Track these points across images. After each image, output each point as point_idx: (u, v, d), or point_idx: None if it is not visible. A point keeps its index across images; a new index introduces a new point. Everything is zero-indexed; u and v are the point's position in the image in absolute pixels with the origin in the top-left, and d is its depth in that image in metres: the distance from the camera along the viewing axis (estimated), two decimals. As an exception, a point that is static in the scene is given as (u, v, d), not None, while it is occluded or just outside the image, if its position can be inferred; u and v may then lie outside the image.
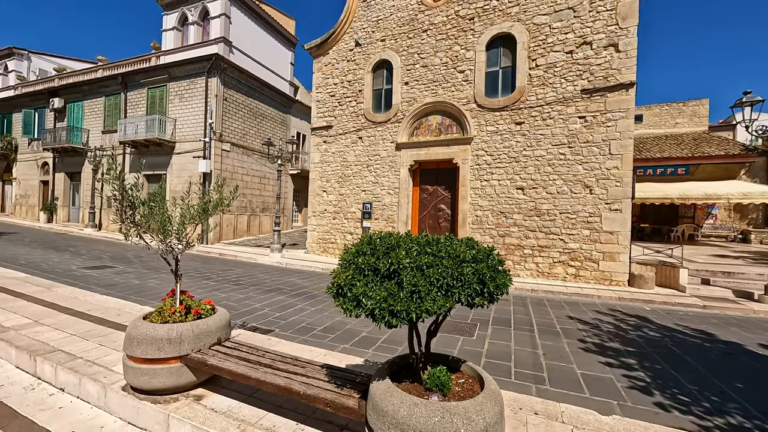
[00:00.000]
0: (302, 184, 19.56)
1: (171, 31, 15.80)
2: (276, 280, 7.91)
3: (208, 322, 2.74)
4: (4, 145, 20.78)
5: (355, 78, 11.43)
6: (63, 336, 3.69)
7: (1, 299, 4.90)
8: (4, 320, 4.03)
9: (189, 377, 2.59)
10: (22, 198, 20.70)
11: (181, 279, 2.90)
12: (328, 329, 4.68)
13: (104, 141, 16.90)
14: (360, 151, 11.22)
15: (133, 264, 8.89)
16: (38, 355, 3.14)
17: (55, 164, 18.88)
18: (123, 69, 16.61)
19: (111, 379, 2.77)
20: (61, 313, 4.45)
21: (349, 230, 11.28)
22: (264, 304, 5.83)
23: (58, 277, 6.72)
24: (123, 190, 2.57)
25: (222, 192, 3.11)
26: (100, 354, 3.27)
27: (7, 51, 22.19)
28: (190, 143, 14.52)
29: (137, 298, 5.70)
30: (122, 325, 4.08)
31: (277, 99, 17.72)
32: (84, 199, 17.70)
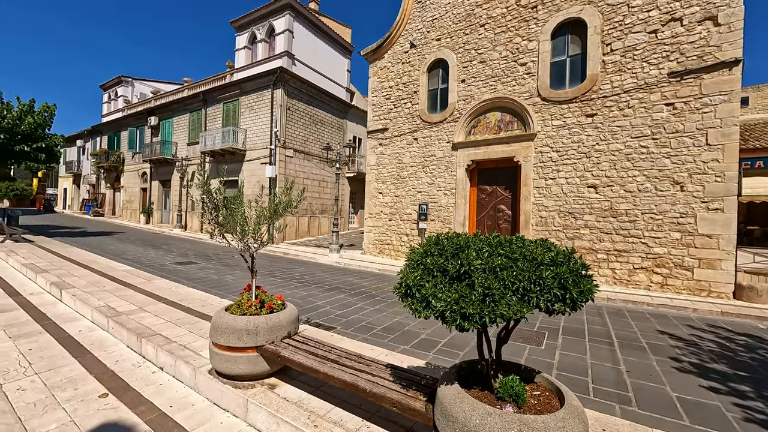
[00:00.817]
0: (358, 186, 20.13)
1: (243, 50, 17.41)
2: (335, 279, 8.22)
3: (280, 317, 2.93)
4: (115, 158, 24.71)
5: (410, 79, 11.45)
6: (161, 322, 4.24)
7: (114, 288, 5.80)
8: (117, 306, 4.77)
9: (264, 366, 2.79)
10: (128, 203, 24.39)
11: (256, 275, 3.14)
12: (387, 329, 4.72)
13: (189, 152, 19.18)
14: (415, 152, 11.19)
15: (212, 261, 9.92)
16: (143, 337, 3.64)
17: (152, 173, 21.92)
18: (203, 88, 18.72)
19: (199, 363, 3.11)
20: (158, 302, 5.12)
21: (405, 231, 11.30)
22: (326, 302, 6.09)
23: (155, 271, 7.76)
24: (209, 195, 2.86)
25: (290, 194, 3.31)
26: (190, 340, 3.69)
27: (117, 80, 26.39)
28: (258, 151, 15.82)
29: (217, 291, 6.34)
30: (206, 315, 4.56)
31: (334, 105, 18.49)
32: (173, 203, 20.28)
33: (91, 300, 4.92)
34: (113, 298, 5.17)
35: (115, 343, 3.94)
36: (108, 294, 5.40)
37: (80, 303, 4.92)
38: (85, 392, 2.90)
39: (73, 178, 32.77)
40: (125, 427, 2.46)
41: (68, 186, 34.45)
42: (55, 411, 2.61)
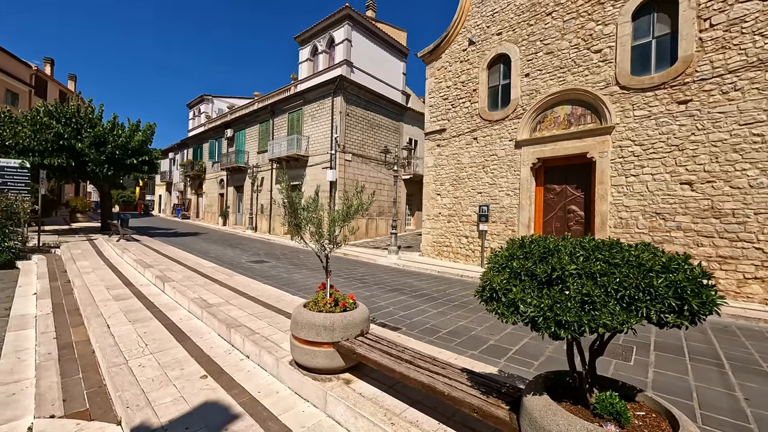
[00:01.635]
0: (414, 188, 20.13)
1: (305, 62, 18.54)
2: (395, 280, 8.31)
3: (354, 315, 3.06)
4: (198, 168, 27.96)
5: (468, 78, 11.16)
6: (244, 315, 4.69)
7: (204, 282, 6.56)
8: (208, 298, 5.38)
9: (339, 362, 2.93)
10: (208, 207, 27.41)
11: (330, 275, 3.31)
12: (452, 333, 4.64)
13: (258, 160, 20.94)
14: (475, 152, 10.86)
15: (281, 260, 10.69)
16: (232, 327, 4.06)
17: (228, 180, 24.35)
18: (271, 100, 20.32)
19: (280, 354, 3.37)
20: (240, 296, 5.67)
21: (464, 233, 11.01)
22: (388, 302, 6.19)
23: (235, 268, 8.60)
24: (289, 199, 3.10)
25: (361, 197, 3.43)
26: (270, 332, 4.02)
27: (200, 99, 29.86)
28: (319, 156, 16.69)
29: (287, 288, 6.81)
30: (282, 310, 4.93)
31: (390, 109, 18.75)
32: (245, 206, 22.29)
33: (187, 292, 5.63)
34: (204, 291, 5.85)
35: (209, 331, 4.44)
36: (199, 287, 6.12)
37: (179, 295, 5.66)
38: (189, 373, 3.32)
39: (166, 185, 37.80)
40: (223, 407, 2.76)
41: (162, 193, 39.84)
42: (168, 387, 3.04)
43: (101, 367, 3.50)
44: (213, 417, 2.62)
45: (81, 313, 5.09)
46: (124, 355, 3.62)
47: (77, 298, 5.82)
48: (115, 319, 4.71)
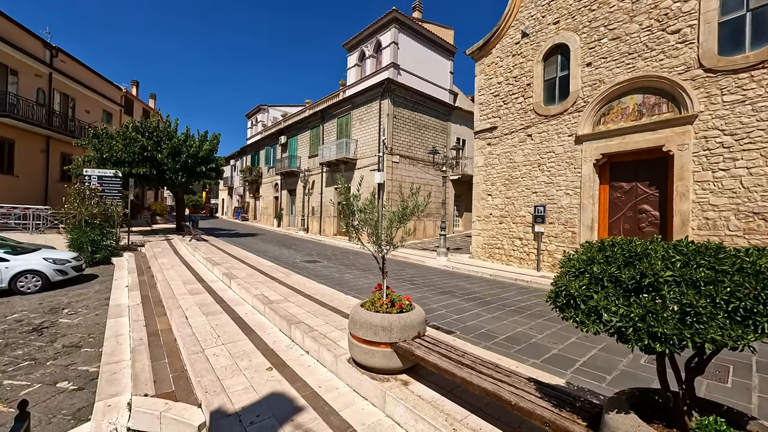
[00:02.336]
0: (463, 188, 19.65)
1: (353, 68, 19.04)
2: (445, 282, 8.16)
3: (411, 316, 3.05)
4: (255, 173, 30.04)
5: (521, 72, 10.62)
6: (302, 312, 4.92)
7: (264, 280, 7.01)
8: (269, 295, 5.74)
9: (397, 363, 2.94)
10: (264, 209, 29.31)
11: (386, 276, 3.35)
12: (511, 339, 4.43)
13: (310, 164, 21.92)
14: (529, 149, 10.29)
15: (332, 260, 11.06)
16: (292, 324, 4.28)
17: (281, 184, 25.83)
18: (321, 107, 21.17)
19: (339, 352, 3.47)
20: (297, 294, 5.96)
21: (518, 235, 10.48)
22: (440, 305, 6.10)
23: (291, 267, 9.07)
24: (347, 201, 3.19)
25: (416, 199, 3.42)
26: (327, 330, 4.16)
27: (257, 109, 32.09)
28: (367, 159, 17.01)
29: (340, 288, 7.01)
30: (336, 309, 5.09)
31: (438, 109, 18.52)
32: (297, 208, 23.45)
33: (250, 289, 6.05)
34: (265, 288, 6.24)
35: (271, 326, 4.73)
36: (261, 285, 6.55)
37: (243, 291, 6.11)
38: (257, 364, 3.56)
39: (228, 190, 41.15)
40: (288, 399, 2.91)
41: (225, 196, 43.45)
42: (238, 376, 3.28)
43: (182, 354, 3.89)
44: (280, 407, 2.77)
45: (164, 305, 5.72)
46: (200, 344, 3.99)
47: (160, 291, 6.56)
48: (191, 311, 5.21)
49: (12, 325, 5.89)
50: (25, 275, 7.99)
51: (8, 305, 7.10)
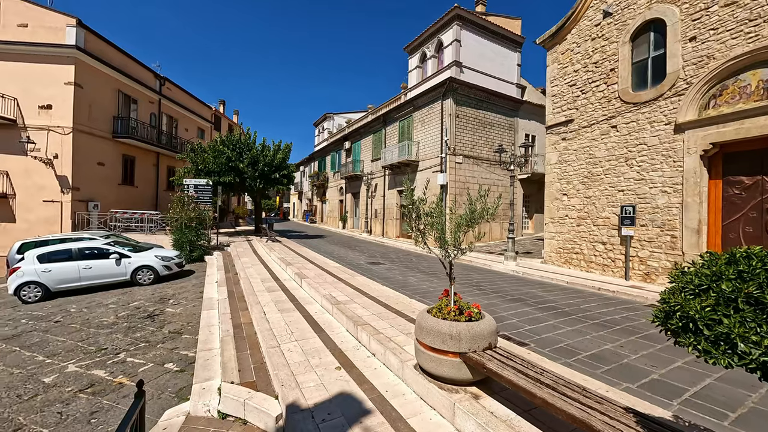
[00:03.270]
0: (533, 188, 18.30)
1: (414, 70, 19.05)
2: (516, 289, 7.63)
3: (481, 326, 2.88)
4: (322, 178, 31.81)
5: (603, 56, 9.50)
6: (367, 314, 5.00)
7: (332, 281, 7.32)
8: (336, 295, 5.97)
9: (466, 374, 2.80)
10: (330, 212, 30.84)
11: (454, 282, 3.22)
12: (596, 358, 3.94)
13: (372, 167, 22.46)
14: (614, 142, 9.14)
15: (395, 263, 11.13)
16: (359, 325, 4.38)
17: (346, 188, 26.91)
18: (382, 111, 21.57)
19: (405, 357, 3.44)
20: (363, 296, 6.09)
21: (601, 239, 9.36)
22: (510, 313, 5.71)
23: (355, 269, 9.35)
24: (413, 204, 3.14)
25: (485, 201, 3.24)
26: (392, 333, 4.16)
27: (323, 117, 34.00)
28: (429, 160, 16.83)
29: (403, 291, 7.00)
30: (401, 312, 5.07)
31: (503, 105, 17.55)
32: (361, 211, 24.18)
33: (319, 289, 6.37)
34: (332, 289, 6.51)
35: (338, 326, 4.90)
36: (329, 285, 6.85)
37: (313, 290, 6.45)
38: (326, 362, 3.70)
39: (298, 194, 44.27)
40: (357, 400, 2.96)
41: (295, 200, 46.82)
42: (310, 373, 3.45)
43: (261, 347, 4.23)
44: (349, 408, 2.83)
45: (246, 300, 6.31)
46: (276, 339, 4.29)
47: (242, 288, 7.26)
48: (268, 307, 5.66)
49: (133, 312, 7.04)
50: (142, 269, 9.51)
51: (130, 294, 8.52)
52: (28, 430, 3.36)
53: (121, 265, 9.27)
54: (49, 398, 3.90)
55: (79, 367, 4.62)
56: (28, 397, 3.96)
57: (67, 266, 8.86)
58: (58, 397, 3.91)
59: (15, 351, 5.32)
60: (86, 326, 6.26)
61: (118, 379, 4.25)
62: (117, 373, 4.40)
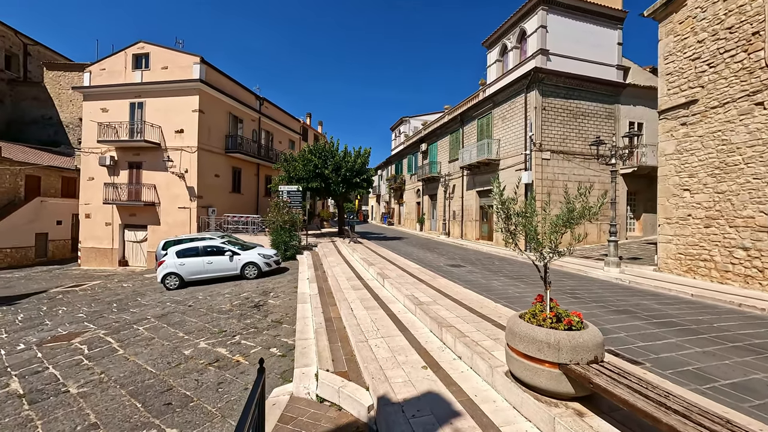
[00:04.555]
0: (640, 184, 15.79)
1: (493, 65, 18.18)
2: (622, 300, 6.67)
3: (584, 336, 2.62)
4: (399, 181, 32.44)
5: (741, 19, 7.72)
6: (451, 316, 4.94)
7: (413, 282, 7.42)
8: (418, 296, 6.03)
9: (567, 387, 2.56)
10: (408, 214, 31.23)
11: (550, 287, 2.99)
12: (742, 388, 3.21)
13: (449, 168, 22.07)
14: (759, 124, 7.34)
15: (476, 266, 10.74)
16: (443, 327, 4.36)
17: (423, 190, 26.95)
18: (459, 110, 21.06)
19: (494, 363, 3.30)
20: (445, 298, 6.04)
21: (740, 243, 7.58)
22: (616, 326, 5.02)
23: (436, 271, 9.29)
24: (503, 205, 3.02)
25: (585, 200, 2.93)
26: (478, 337, 4.04)
27: (399, 121, 34.70)
28: (511, 158, 15.82)
29: (487, 294, 6.69)
30: (486, 316, 4.88)
31: (600, 91, 15.54)
32: (438, 213, 23.93)
33: (401, 289, 6.51)
34: (414, 289, 6.60)
35: (422, 326, 4.95)
36: (410, 285, 6.96)
37: (395, 290, 6.63)
38: (412, 361, 3.77)
39: (376, 197, 45.91)
40: (445, 400, 2.95)
41: (373, 203, 48.65)
42: (397, 369, 3.56)
43: (351, 341, 4.52)
44: (437, 407, 2.84)
45: (334, 296, 6.81)
46: (364, 334, 4.54)
47: (330, 285, 7.85)
48: (354, 304, 6.01)
49: (243, 301, 8.17)
50: (248, 265, 10.97)
51: (240, 286, 9.90)
52: (176, 390, 4.18)
53: (233, 261, 10.87)
54: (189, 367, 4.78)
55: (207, 344, 5.57)
56: (175, 364, 4.92)
57: (196, 261, 10.75)
58: (194, 368, 4.77)
59: (164, 327, 6.67)
60: (210, 311, 7.50)
61: (235, 358, 5.00)
62: (234, 353, 5.17)
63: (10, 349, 6.38)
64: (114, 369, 4.97)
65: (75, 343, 6.34)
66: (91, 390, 4.41)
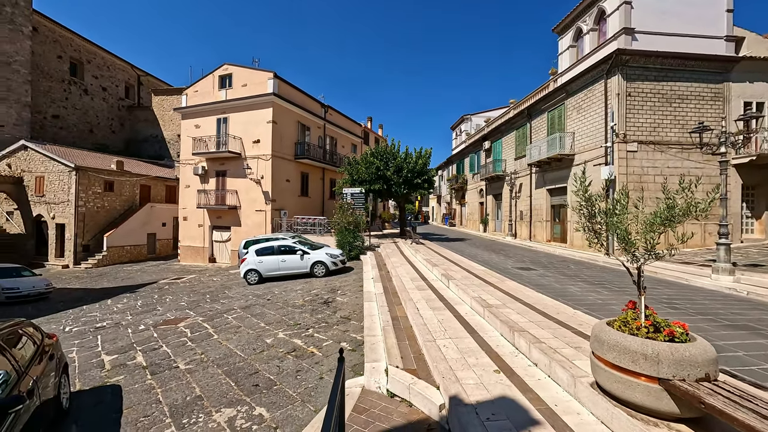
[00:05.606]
0: (759, 176, 13.17)
1: (566, 51, 16.75)
2: (737, 314, 5.64)
3: (691, 350, 2.29)
4: (461, 181, 31.62)
5: None
6: (523, 320, 4.68)
7: (479, 283, 7.19)
8: (486, 298, 5.83)
9: (670, 406, 2.27)
10: (470, 215, 30.27)
11: (644, 292, 2.67)
12: None
13: (516, 166, 20.87)
14: None
15: (549, 269, 9.98)
16: (515, 331, 4.15)
17: (486, 189, 25.89)
18: (526, 104, 19.79)
19: (576, 372, 3.05)
20: (515, 301, 5.74)
21: None
22: (731, 344, 4.27)
23: (503, 273, 8.87)
24: (587, 202, 2.78)
25: (691, 196, 2.56)
26: (557, 345, 3.76)
27: (460, 119, 33.85)
28: (588, 152, 14.39)
29: (564, 300, 6.18)
30: (564, 323, 4.52)
31: (703, 69, 13.31)
32: (503, 213, 22.76)
33: (468, 290, 6.35)
34: (481, 291, 6.39)
35: (491, 329, 4.77)
36: (476, 287, 6.75)
37: (461, 292, 6.49)
38: (483, 364, 3.67)
39: (436, 198, 45.35)
40: (522, 407, 2.82)
41: (434, 204, 48.13)
42: (468, 371, 3.49)
43: (418, 339, 4.55)
44: (514, 413, 2.73)
45: (399, 296, 6.91)
46: (431, 334, 4.53)
47: (395, 285, 7.98)
48: (420, 304, 6.03)
49: (314, 297, 8.72)
50: (317, 264, 11.67)
51: (310, 283, 10.58)
52: (262, 374, 4.65)
53: (303, 260, 11.68)
54: (271, 354, 5.28)
55: (285, 335, 6.08)
56: (259, 351, 5.47)
57: (272, 259, 11.78)
58: (275, 355, 5.24)
59: (248, 317, 7.44)
60: (285, 305, 8.16)
61: (310, 349, 5.37)
62: (309, 344, 5.56)
63: (134, 328, 7.71)
64: (211, 351, 5.71)
65: (180, 327, 7.41)
66: (195, 367, 5.13)
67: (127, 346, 6.54)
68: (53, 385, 3.76)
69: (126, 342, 6.78)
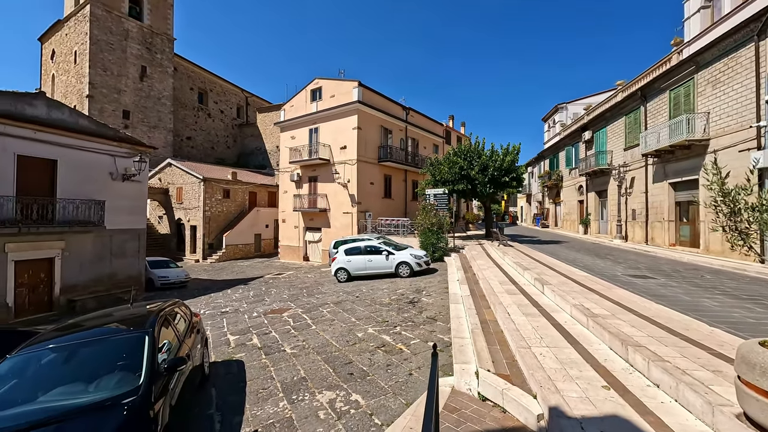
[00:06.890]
0: None
1: (695, 14, 13.88)
2: None
3: None
4: (555, 177, 28.71)
5: None
6: (639, 334, 4.06)
7: (579, 290, 6.47)
8: (590, 306, 5.22)
9: None
10: (567, 215, 27.23)
11: (822, 308, 2.09)
12: None
13: (626, 157, 18.03)
14: None
15: (673, 278, 8.38)
16: (629, 345, 3.64)
17: (587, 186, 22.96)
18: (639, 84, 16.95)
19: (714, 399, 2.55)
20: (628, 312, 5.00)
21: None
22: None
23: (610, 281, 7.78)
24: (727, 197, 2.31)
25: None
26: (685, 365, 3.18)
27: (554, 109, 30.77)
28: (729, 136, 11.62)
29: (695, 315, 5.13)
30: (695, 341, 3.78)
31: None
32: (610, 212, 19.87)
33: (566, 297, 5.78)
34: (583, 299, 5.74)
35: (597, 341, 4.26)
36: (577, 294, 6.09)
37: (559, 298, 5.93)
38: (588, 377, 3.31)
39: (526, 197, 41.98)
40: (639, 429, 2.48)
41: (523, 204, 44.68)
42: (570, 383, 3.20)
43: (510, 345, 4.34)
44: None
45: (487, 299, 6.66)
46: (525, 341, 4.27)
47: (482, 287, 7.71)
48: (511, 309, 5.72)
49: (399, 297, 8.98)
50: (402, 264, 11.97)
51: (395, 283, 10.92)
52: (355, 364, 5.01)
53: (388, 260, 12.11)
54: (362, 348, 5.65)
55: (374, 331, 6.42)
56: (351, 343, 5.90)
57: (359, 258, 12.51)
58: (366, 348, 5.59)
59: (340, 312, 8.07)
60: (373, 303, 8.59)
61: (398, 345, 5.58)
62: (397, 341, 5.77)
63: (249, 315, 9.07)
64: (311, 339, 6.38)
65: (284, 316, 8.44)
66: (298, 352, 5.80)
67: (245, 329, 7.73)
68: (200, 354, 4.71)
69: (244, 326, 8.02)
